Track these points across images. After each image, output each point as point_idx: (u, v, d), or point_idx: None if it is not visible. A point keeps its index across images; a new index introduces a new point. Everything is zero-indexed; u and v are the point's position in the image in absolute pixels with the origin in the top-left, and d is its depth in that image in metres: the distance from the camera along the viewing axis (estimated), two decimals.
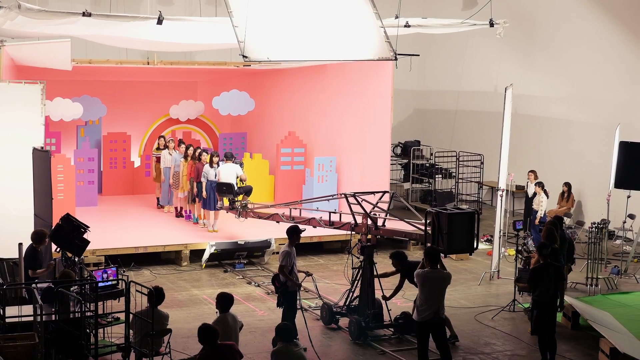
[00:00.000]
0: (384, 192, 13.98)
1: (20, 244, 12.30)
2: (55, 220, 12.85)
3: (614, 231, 19.20)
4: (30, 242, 12.19)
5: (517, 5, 22.34)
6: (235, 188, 17.12)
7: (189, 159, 18.71)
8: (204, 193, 17.88)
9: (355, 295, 13.17)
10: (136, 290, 10.82)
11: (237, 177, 17.55)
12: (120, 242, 16.67)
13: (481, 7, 17.93)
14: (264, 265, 16.98)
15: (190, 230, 18.16)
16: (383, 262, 15.62)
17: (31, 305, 10.39)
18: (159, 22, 14.37)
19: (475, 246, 12.13)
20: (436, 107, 26.43)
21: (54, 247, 12.86)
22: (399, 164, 24.27)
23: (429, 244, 11.93)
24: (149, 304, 10.78)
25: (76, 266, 12.12)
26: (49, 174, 13.53)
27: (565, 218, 18.22)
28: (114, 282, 11.63)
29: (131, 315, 10.67)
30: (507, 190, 17.11)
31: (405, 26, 16.77)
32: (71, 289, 10.77)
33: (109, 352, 11.09)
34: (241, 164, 18.18)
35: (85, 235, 12.39)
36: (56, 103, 19.30)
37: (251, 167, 20.71)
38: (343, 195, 13.55)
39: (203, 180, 17.92)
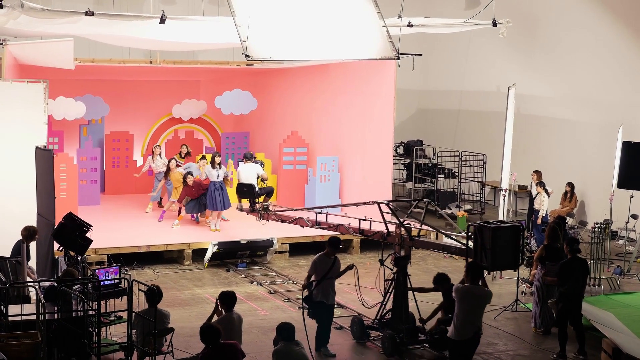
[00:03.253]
0: (418, 200, 13.52)
1: (22, 242, 12.34)
2: (58, 219, 12.88)
3: (616, 231, 19.18)
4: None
5: (519, 5, 22.31)
6: (257, 189, 16.54)
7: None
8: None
9: (381, 306, 12.58)
10: (139, 289, 10.83)
11: (258, 177, 17.04)
12: (123, 241, 16.68)
13: (484, 7, 17.93)
14: (267, 265, 16.98)
15: (193, 229, 18.17)
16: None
17: (34, 304, 10.41)
18: (162, 21, 14.37)
19: (520, 262, 11.62)
20: (439, 107, 26.41)
21: (56, 245, 12.90)
22: (402, 163, 24.26)
23: (470, 259, 11.34)
24: (147, 302, 10.78)
25: (79, 265, 12.15)
26: (51, 173, 13.54)
27: (568, 218, 18.21)
28: (116, 281, 11.64)
29: (133, 314, 10.68)
30: (509, 190, 17.10)
31: (407, 26, 16.77)
32: (74, 287, 10.79)
33: (112, 351, 11.11)
34: (262, 164, 17.62)
35: (87, 234, 12.43)
36: (59, 102, 19.31)
37: None
38: (376, 203, 12.78)
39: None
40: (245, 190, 16.48)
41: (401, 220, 12.51)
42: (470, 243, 11.55)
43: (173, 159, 19.36)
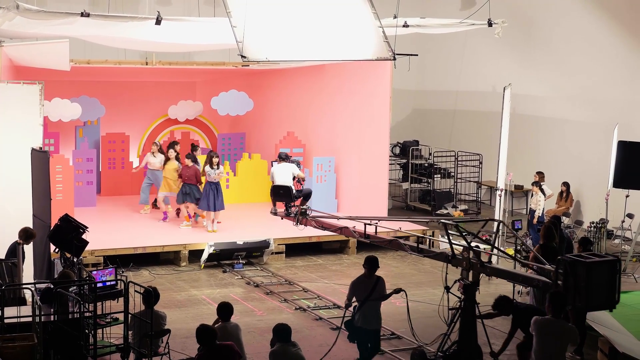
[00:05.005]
0: (487, 220, 12.78)
1: (18, 244, 12.32)
2: (54, 220, 12.85)
3: (612, 230, 19.20)
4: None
5: (515, 5, 22.34)
6: (294, 191, 15.34)
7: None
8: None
9: (445, 338, 11.24)
10: (135, 291, 10.82)
11: (294, 178, 15.90)
12: (119, 243, 16.66)
13: (479, 7, 17.94)
14: (263, 266, 16.97)
15: (189, 230, 18.15)
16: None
17: (30, 306, 10.39)
18: (158, 22, 14.37)
19: (617, 300, 10.23)
20: (435, 107, 26.43)
21: (52, 247, 12.88)
22: (398, 163, 24.27)
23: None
24: (144, 304, 10.77)
25: (75, 267, 12.13)
26: (47, 175, 13.52)
27: (563, 217, 18.21)
28: (112, 283, 11.62)
29: (130, 316, 10.67)
30: (505, 190, 17.12)
31: (403, 26, 16.78)
32: (70, 289, 10.77)
33: (108, 353, 11.08)
34: (298, 164, 16.88)
35: (84, 236, 12.40)
36: (55, 103, 19.28)
37: (250, 167, 20.74)
38: (441, 223, 11.58)
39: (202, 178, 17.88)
40: (281, 193, 15.22)
41: (469, 241, 11.07)
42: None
43: (172, 149, 19.16)
